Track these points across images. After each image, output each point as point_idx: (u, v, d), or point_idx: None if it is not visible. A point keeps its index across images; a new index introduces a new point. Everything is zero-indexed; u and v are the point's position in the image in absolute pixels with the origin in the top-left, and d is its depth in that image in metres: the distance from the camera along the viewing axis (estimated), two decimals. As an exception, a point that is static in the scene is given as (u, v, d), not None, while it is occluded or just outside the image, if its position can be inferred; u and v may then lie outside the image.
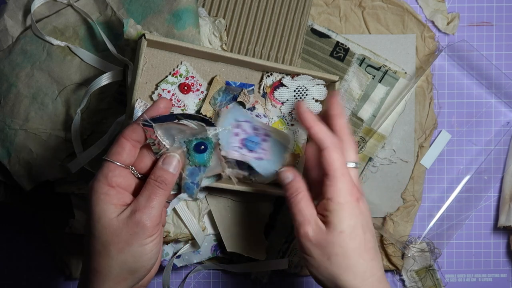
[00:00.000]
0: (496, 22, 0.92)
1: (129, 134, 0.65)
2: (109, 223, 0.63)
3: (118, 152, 0.65)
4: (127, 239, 0.63)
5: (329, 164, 0.67)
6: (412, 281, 0.91)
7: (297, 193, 0.67)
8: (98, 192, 0.64)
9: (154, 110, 0.66)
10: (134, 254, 0.63)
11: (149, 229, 0.63)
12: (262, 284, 0.92)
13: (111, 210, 0.63)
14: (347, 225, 0.66)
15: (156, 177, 0.65)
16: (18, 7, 0.83)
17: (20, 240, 0.92)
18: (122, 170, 0.65)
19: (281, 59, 0.87)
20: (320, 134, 0.68)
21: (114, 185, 0.64)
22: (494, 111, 0.92)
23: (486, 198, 0.92)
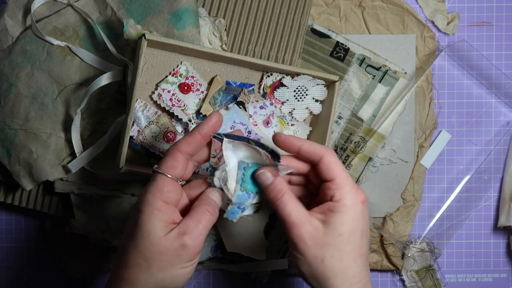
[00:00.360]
0: (496, 22, 0.92)
1: (184, 147, 0.65)
2: (157, 241, 0.63)
3: (173, 166, 0.65)
4: (170, 260, 0.63)
5: (332, 168, 0.67)
6: (412, 281, 0.91)
7: (281, 194, 0.65)
8: (152, 206, 0.63)
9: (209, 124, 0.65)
10: (174, 275, 0.64)
11: (193, 254, 0.64)
12: (262, 284, 0.92)
13: (161, 227, 0.63)
14: (347, 229, 0.65)
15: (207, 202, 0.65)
16: (18, 7, 0.83)
17: (20, 240, 0.92)
18: (176, 185, 0.65)
19: (281, 59, 0.87)
20: (312, 147, 0.67)
21: (168, 201, 0.64)
22: (494, 111, 0.92)
23: (486, 198, 0.92)
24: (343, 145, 0.90)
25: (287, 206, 0.65)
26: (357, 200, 0.66)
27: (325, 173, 0.67)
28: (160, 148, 0.80)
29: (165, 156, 0.65)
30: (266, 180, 0.66)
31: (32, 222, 0.91)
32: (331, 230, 0.65)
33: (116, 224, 0.84)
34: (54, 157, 0.81)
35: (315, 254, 0.65)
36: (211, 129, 0.65)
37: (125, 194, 0.84)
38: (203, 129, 0.65)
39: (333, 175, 0.66)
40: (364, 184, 0.90)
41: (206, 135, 0.65)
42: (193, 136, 0.65)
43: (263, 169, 0.66)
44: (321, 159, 0.67)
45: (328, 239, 0.65)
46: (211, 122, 0.65)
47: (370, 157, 0.90)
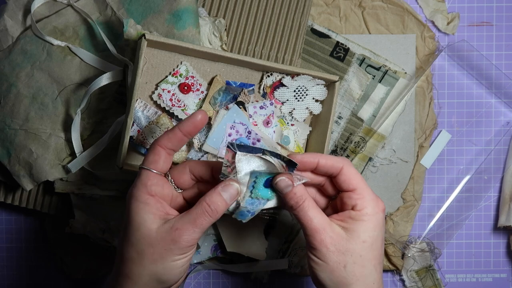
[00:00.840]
0: (496, 22, 0.92)
1: (164, 143, 0.66)
2: (148, 233, 0.64)
3: (155, 160, 0.66)
4: (161, 252, 0.64)
5: (352, 179, 0.68)
6: (412, 281, 0.91)
7: (302, 201, 0.66)
8: (138, 200, 0.65)
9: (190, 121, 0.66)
10: (166, 267, 0.64)
11: (184, 248, 0.64)
12: (262, 284, 0.92)
13: (151, 220, 0.64)
14: (370, 236, 0.66)
15: (210, 202, 0.64)
16: (18, 7, 0.83)
17: (20, 240, 0.92)
18: (160, 179, 0.66)
19: (281, 59, 0.87)
20: (329, 161, 0.68)
21: (153, 194, 0.65)
22: (494, 111, 0.92)
23: (486, 198, 0.92)
24: (343, 145, 0.90)
25: (308, 212, 0.66)
26: (378, 208, 0.67)
27: (346, 183, 0.68)
28: (160, 148, 0.80)
29: (148, 151, 0.67)
30: (285, 187, 0.66)
31: (32, 222, 0.91)
32: (354, 237, 0.66)
33: (116, 224, 0.84)
34: (54, 157, 0.81)
35: (338, 260, 0.65)
36: (192, 127, 0.66)
37: (125, 194, 0.84)
38: (184, 126, 0.66)
39: (354, 185, 0.67)
40: (364, 184, 0.90)
41: (188, 132, 0.66)
42: (174, 132, 0.66)
43: (282, 176, 0.66)
44: (340, 170, 0.68)
45: (351, 246, 0.66)
46: (193, 120, 0.66)
47: (370, 157, 0.90)
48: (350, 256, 0.65)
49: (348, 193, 0.68)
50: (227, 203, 0.65)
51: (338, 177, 0.68)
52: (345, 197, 0.68)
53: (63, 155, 0.82)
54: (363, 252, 0.66)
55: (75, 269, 0.90)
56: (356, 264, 0.66)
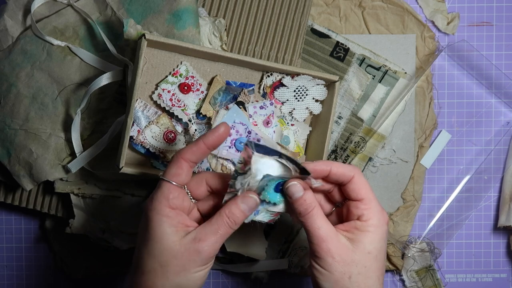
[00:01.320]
0: (496, 22, 0.92)
1: (188, 156, 0.66)
2: (171, 246, 0.64)
3: (178, 173, 0.66)
4: (184, 264, 0.64)
5: (362, 188, 0.68)
6: (412, 281, 0.91)
7: (311, 208, 0.66)
8: (160, 214, 0.65)
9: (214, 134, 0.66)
10: (189, 279, 0.65)
11: (207, 259, 0.65)
12: (262, 284, 0.92)
13: (173, 232, 0.64)
14: (375, 247, 0.67)
15: (230, 214, 0.65)
16: (18, 7, 0.83)
17: (20, 240, 0.92)
18: (181, 192, 0.66)
19: (281, 59, 0.87)
20: (341, 169, 0.68)
21: (174, 207, 0.65)
22: (494, 111, 0.92)
23: (486, 198, 0.92)
24: (343, 145, 0.90)
25: (317, 221, 0.66)
26: (384, 221, 0.68)
27: (355, 192, 0.68)
28: (160, 148, 0.80)
29: (170, 164, 0.66)
30: (295, 193, 0.66)
31: (32, 222, 0.91)
32: (360, 248, 0.66)
33: (116, 224, 0.84)
34: (54, 157, 0.81)
35: (343, 270, 0.65)
36: (216, 140, 0.66)
37: (125, 194, 0.84)
38: (208, 139, 0.66)
39: (363, 195, 0.68)
40: (364, 184, 0.90)
41: (211, 145, 0.66)
42: (197, 145, 0.66)
43: (294, 181, 0.66)
44: (351, 179, 0.68)
45: (357, 256, 0.66)
46: (217, 133, 0.66)
47: (370, 157, 0.90)
48: (355, 267, 0.66)
49: (356, 203, 0.68)
50: (246, 214, 0.65)
51: (347, 186, 0.68)
52: (352, 206, 0.68)
53: (63, 155, 0.82)
54: (368, 263, 0.66)
55: (75, 269, 0.90)
56: (360, 275, 0.66)
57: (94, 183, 0.83)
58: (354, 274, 0.65)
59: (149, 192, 0.85)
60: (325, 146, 0.82)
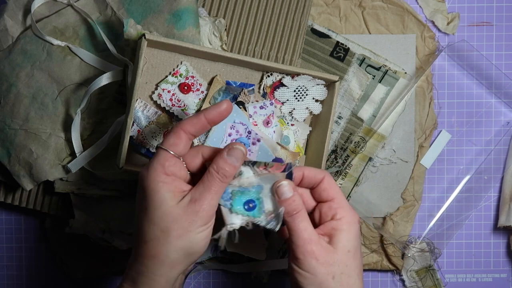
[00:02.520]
0: (496, 22, 0.92)
1: (188, 127, 0.66)
2: (170, 210, 0.64)
3: (176, 143, 0.66)
4: (185, 226, 0.64)
5: (332, 188, 0.70)
6: (412, 281, 0.91)
7: (297, 211, 0.67)
8: (156, 180, 0.65)
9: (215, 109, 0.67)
10: (192, 240, 0.65)
11: (206, 218, 0.65)
12: (262, 284, 0.92)
13: (171, 197, 0.65)
14: (353, 245, 0.68)
15: (218, 169, 0.65)
16: (18, 7, 0.83)
17: (20, 240, 0.92)
18: (177, 161, 0.66)
19: (281, 59, 0.87)
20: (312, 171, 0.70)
21: (170, 173, 0.65)
22: (494, 111, 0.92)
23: (486, 198, 0.92)
24: (343, 145, 0.90)
25: (303, 222, 0.67)
26: (356, 219, 0.69)
27: (327, 192, 0.69)
28: (160, 148, 0.80)
29: (169, 134, 0.67)
30: (284, 194, 0.67)
31: (32, 222, 0.91)
32: (339, 247, 0.67)
33: (116, 224, 0.84)
34: (54, 157, 0.81)
35: (326, 271, 0.66)
36: (218, 115, 0.67)
37: (125, 194, 0.84)
38: (209, 113, 0.66)
39: (334, 194, 0.69)
40: (364, 184, 0.90)
41: (212, 120, 0.67)
42: (198, 118, 0.66)
43: (284, 182, 0.67)
44: (322, 180, 0.70)
45: (338, 257, 0.67)
46: (219, 108, 0.66)
47: (370, 157, 0.90)
48: (337, 267, 0.66)
49: (328, 203, 0.69)
50: (235, 166, 0.66)
51: (319, 186, 0.70)
52: (324, 207, 0.69)
53: (63, 155, 0.82)
54: (349, 262, 0.67)
55: (75, 269, 0.90)
56: (343, 274, 0.67)
57: (94, 183, 0.83)
58: (337, 274, 0.66)
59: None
60: (325, 146, 0.82)
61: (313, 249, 0.66)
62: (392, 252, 0.90)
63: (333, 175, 0.90)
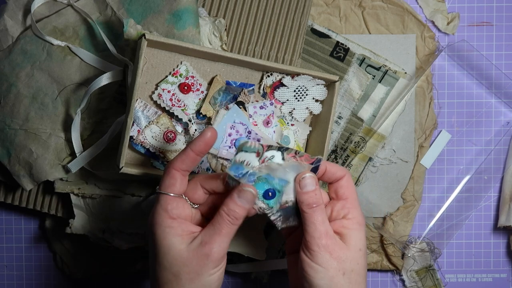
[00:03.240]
0: (496, 22, 0.92)
1: (178, 165, 0.66)
2: (179, 254, 0.65)
3: (171, 184, 0.66)
4: (197, 270, 0.65)
5: (350, 187, 0.70)
6: (412, 281, 0.91)
7: (318, 204, 0.67)
8: (162, 225, 0.65)
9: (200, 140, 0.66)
10: (204, 283, 0.65)
11: (217, 260, 0.65)
12: (262, 284, 0.92)
13: (179, 241, 0.65)
14: (363, 244, 0.68)
15: (229, 211, 0.65)
16: (18, 7, 0.83)
17: (20, 240, 0.92)
18: (179, 201, 0.67)
19: (281, 59, 0.87)
20: (334, 167, 0.70)
21: (175, 217, 0.66)
22: (494, 111, 0.92)
23: (486, 198, 0.92)
24: (343, 145, 0.90)
25: (321, 215, 0.67)
26: (364, 221, 0.70)
27: (343, 190, 0.70)
28: (160, 148, 0.80)
29: (163, 175, 0.67)
30: (307, 185, 0.67)
31: (32, 222, 0.91)
32: (352, 245, 0.68)
33: (116, 224, 0.84)
34: (54, 157, 0.81)
35: (338, 267, 0.66)
36: (202, 146, 0.66)
37: (125, 194, 0.84)
38: (195, 146, 0.66)
39: (350, 194, 0.70)
40: (364, 184, 0.90)
41: (200, 151, 0.66)
42: (186, 153, 0.66)
43: (309, 173, 0.67)
44: (342, 177, 0.70)
45: (350, 254, 0.67)
46: (203, 138, 0.66)
47: (370, 157, 0.90)
48: (349, 263, 0.67)
49: (342, 202, 0.70)
50: (245, 208, 0.65)
51: (338, 183, 0.70)
52: (338, 205, 0.70)
53: (63, 155, 0.82)
54: (360, 260, 0.68)
55: (75, 269, 0.90)
56: (353, 272, 0.67)
57: (94, 183, 0.83)
58: (347, 270, 0.67)
59: (149, 192, 0.85)
60: (325, 146, 0.82)
61: (328, 243, 0.66)
62: (392, 252, 0.90)
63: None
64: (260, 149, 0.67)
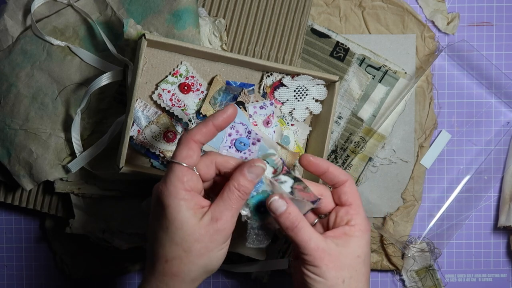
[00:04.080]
0: (496, 22, 0.92)
1: (198, 137, 0.65)
2: (192, 230, 0.64)
3: (189, 155, 0.65)
4: (207, 246, 0.64)
5: (353, 193, 0.70)
6: (412, 281, 0.91)
7: (297, 222, 0.66)
8: (177, 197, 0.64)
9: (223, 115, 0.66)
10: (213, 258, 0.65)
11: (227, 235, 0.65)
12: (262, 284, 0.92)
13: (192, 216, 0.64)
14: (363, 251, 0.68)
15: (239, 186, 0.65)
16: (18, 7, 0.83)
17: (20, 240, 0.92)
18: (193, 173, 0.66)
19: (281, 59, 0.87)
20: (337, 170, 0.70)
21: (189, 189, 0.65)
22: (494, 111, 0.92)
23: (486, 198, 0.92)
24: (343, 145, 0.90)
25: (305, 233, 0.66)
26: (368, 227, 0.69)
27: (347, 196, 0.70)
28: (160, 148, 0.80)
29: (179, 145, 0.65)
30: (278, 208, 0.66)
31: (32, 222, 0.91)
32: (349, 252, 0.67)
33: (116, 224, 0.84)
34: (54, 157, 0.81)
35: (337, 275, 0.66)
36: (225, 120, 0.66)
37: (125, 194, 0.84)
38: (217, 119, 0.66)
39: (354, 200, 0.70)
40: (364, 184, 0.90)
41: (220, 126, 0.66)
42: (207, 126, 0.66)
43: (275, 196, 0.66)
44: (345, 182, 0.70)
45: (348, 261, 0.67)
46: (226, 113, 0.66)
47: (370, 157, 0.90)
48: (347, 271, 0.67)
49: (346, 208, 0.69)
50: (254, 182, 0.65)
51: (341, 188, 0.70)
52: (341, 211, 0.69)
53: (63, 155, 0.82)
54: (358, 267, 0.67)
55: (75, 269, 0.90)
56: (352, 279, 0.67)
57: (94, 183, 0.83)
58: (346, 278, 0.67)
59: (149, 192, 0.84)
60: (325, 146, 0.82)
61: (322, 256, 0.66)
62: (392, 252, 0.90)
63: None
64: (279, 168, 0.68)
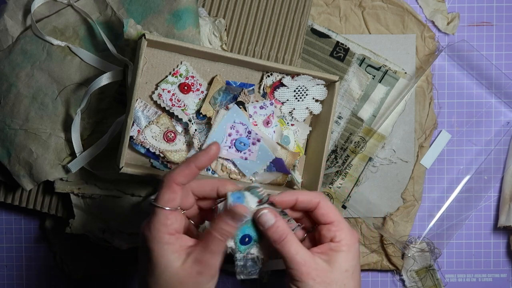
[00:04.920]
0: (496, 22, 0.92)
1: (180, 179, 0.65)
2: (175, 273, 0.64)
3: (172, 198, 0.65)
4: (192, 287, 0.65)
5: (329, 212, 0.69)
6: (412, 281, 0.91)
7: (285, 235, 0.66)
8: (161, 242, 0.64)
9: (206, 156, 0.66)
10: None
11: (212, 275, 0.65)
12: (262, 284, 0.92)
13: (176, 258, 0.64)
14: (351, 265, 0.68)
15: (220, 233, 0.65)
16: (18, 7, 0.83)
17: (20, 240, 0.92)
18: (177, 215, 0.66)
19: (281, 59, 0.87)
20: (306, 196, 0.69)
21: (173, 232, 0.65)
22: (494, 111, 0.92)
23: (486, 198, 0.92)
24: (343, 145, 0.90)
25: (293, 246, 0.66)
26: (355, 239, 0.69)
27: (324, 217, 0.69)
28: (160, 148, 0.80)
29: (162, 188, 0.65)
30: (267, 222, 0.66)
31: (32, 222, 0.91)
32: (336, 267, 0.67)
33: (116, 224, 0.84)
34: (54, 157, 0.81)
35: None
36: (208, 162, 0.66)
37: (125, 194, 0.84)
38: (199, 161, 0.65)
39: (332, 218, 0.69)
40: (364, 184, 0.90)
41: (202, 166, 0.66)
42: (189, 168, 0.65)
43: (264, 210, 0.67)
44: (317, 205, 0.69)
45: (335, 276, 0.67)
46: (208, 155, 0.66)
47: (370, 157, 0.90)
48: (335, 286, 0.66)
49: (327, 226, 0.69)
50: (236, 226, 0.65)
51: (315, 211, 0.69)
52: (323, 230, 0.69)
53: (63, 155, 0.82)
54: (346, 281, 0.67)
55: (75, 269, 0.90)
56: None
57: (94, 183, 0.83)
58: None
59: (149, 192, 0.85)
60: (325, 146, 0.82)
61: (309, 271, 0.66)
62: (392, 252, 0.90)
63: (333, 175, 0.90)
64: (264, 199, 0.67)
